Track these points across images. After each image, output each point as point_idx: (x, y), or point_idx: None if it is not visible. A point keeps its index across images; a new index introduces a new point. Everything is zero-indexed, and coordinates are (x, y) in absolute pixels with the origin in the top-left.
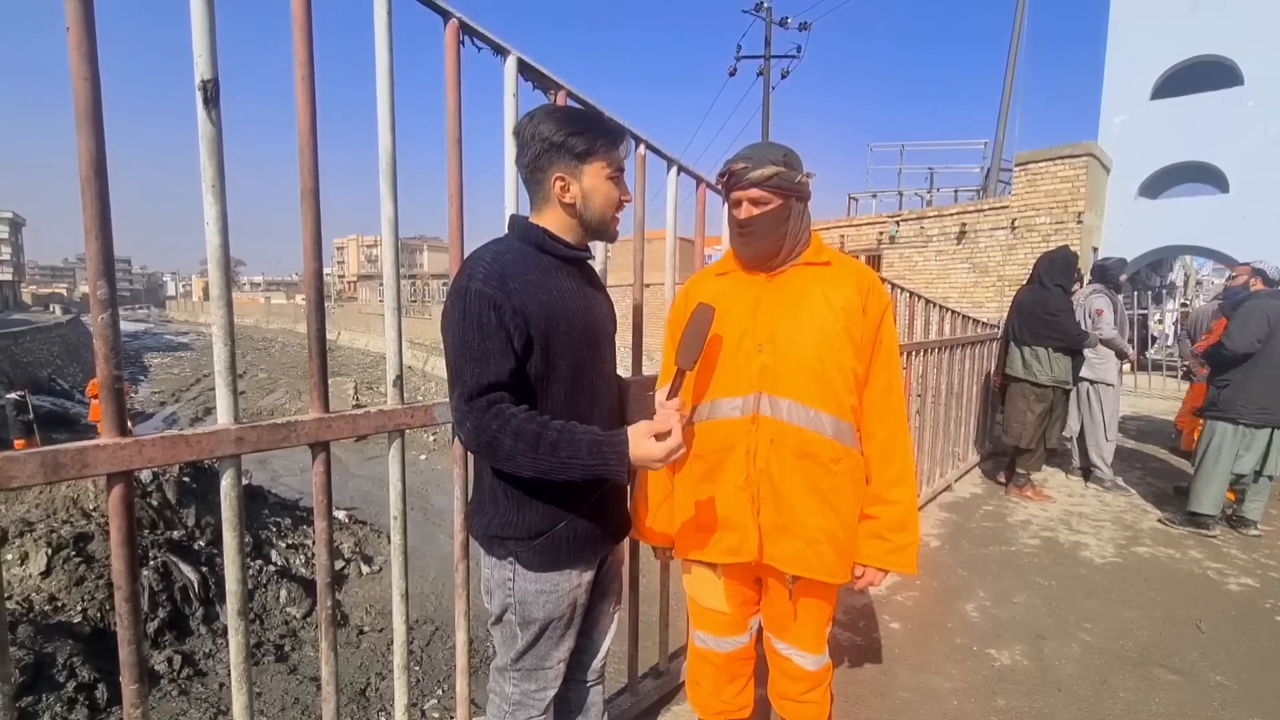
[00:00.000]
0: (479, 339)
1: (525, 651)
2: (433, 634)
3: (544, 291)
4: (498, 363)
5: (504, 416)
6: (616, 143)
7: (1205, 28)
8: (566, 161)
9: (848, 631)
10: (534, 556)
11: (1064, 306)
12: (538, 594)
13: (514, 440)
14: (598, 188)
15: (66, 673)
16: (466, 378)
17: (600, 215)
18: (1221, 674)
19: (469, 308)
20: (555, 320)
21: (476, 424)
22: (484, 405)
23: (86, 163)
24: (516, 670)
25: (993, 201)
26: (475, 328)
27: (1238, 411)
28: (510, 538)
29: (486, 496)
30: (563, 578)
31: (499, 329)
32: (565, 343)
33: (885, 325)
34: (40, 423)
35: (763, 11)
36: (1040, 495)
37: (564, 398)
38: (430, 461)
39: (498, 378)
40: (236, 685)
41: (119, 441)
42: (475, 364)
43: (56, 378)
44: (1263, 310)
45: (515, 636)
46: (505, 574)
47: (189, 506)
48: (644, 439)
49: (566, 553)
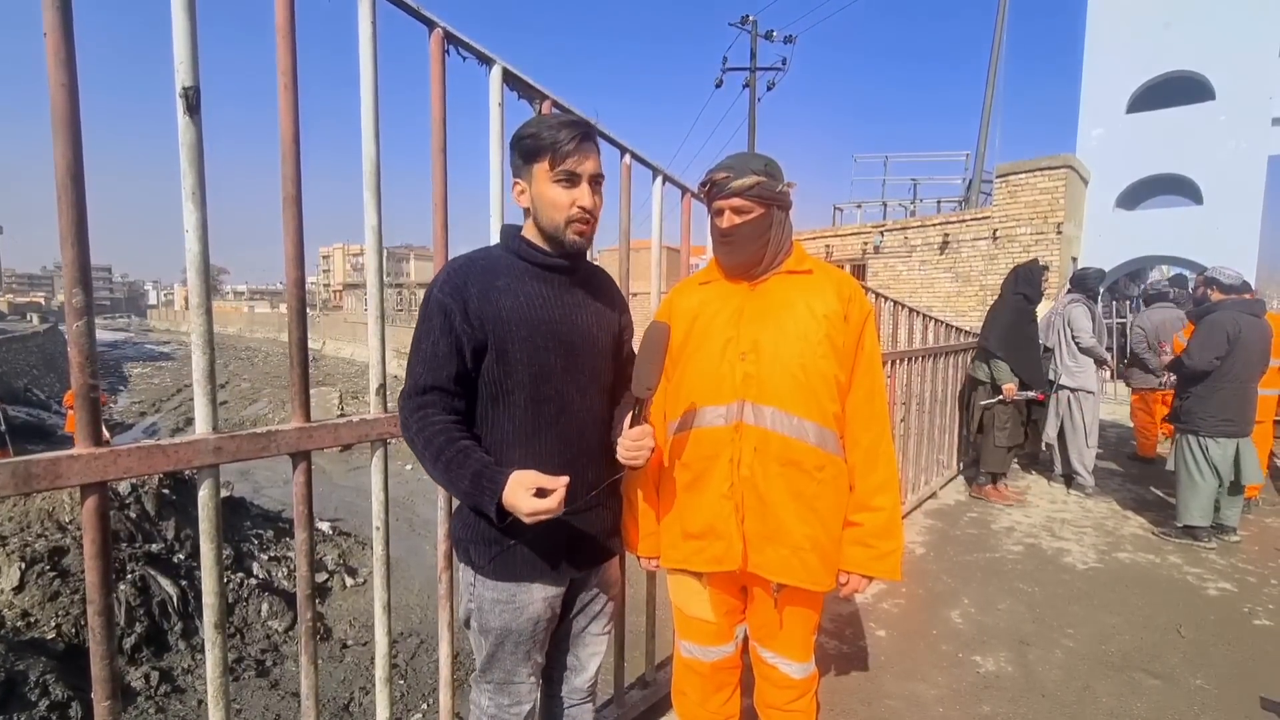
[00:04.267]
0: (429, 342)
1: (490, 662)
2: (418, 647)
3: (509, 297)
4: (441, 366)
5: (426, 420)
6: (561, 145)
7: (1178, 44)
8: (519, 165)
9: (834, 639)
10: (489, 565)
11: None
12: (494, 602)
13: (423, 446)
14: (542, 192)
15: (39, 691)
16: (415, 375)
17: (549, 220)
18: (1202, 678)
19: (426, 311)
20: (516, 327)
21: (404, 421)
22: (414, 405)
23: (63, 169)
24: (488, 683)
25: (975, 212)
26: (426, 330)
27: (1201, 424)
28: (471, 541)
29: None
30: (520, 589)
31: (447, 333)
32: (525, 349)
33: (867, 333)
34: (15, 433)
35: (748, 25)
36: (1001, 495)
37: (525, 404)
38: (416, 471)
39: (435, 381)
40: (213, 700)
41: (93, 451)
42: (420, 364)
43: (33, 388)
44: (1223, 326)
45: (480, 644)
46: (468, 578)
47: (168, 519)
48: (521, 489)
49: (523, 565)
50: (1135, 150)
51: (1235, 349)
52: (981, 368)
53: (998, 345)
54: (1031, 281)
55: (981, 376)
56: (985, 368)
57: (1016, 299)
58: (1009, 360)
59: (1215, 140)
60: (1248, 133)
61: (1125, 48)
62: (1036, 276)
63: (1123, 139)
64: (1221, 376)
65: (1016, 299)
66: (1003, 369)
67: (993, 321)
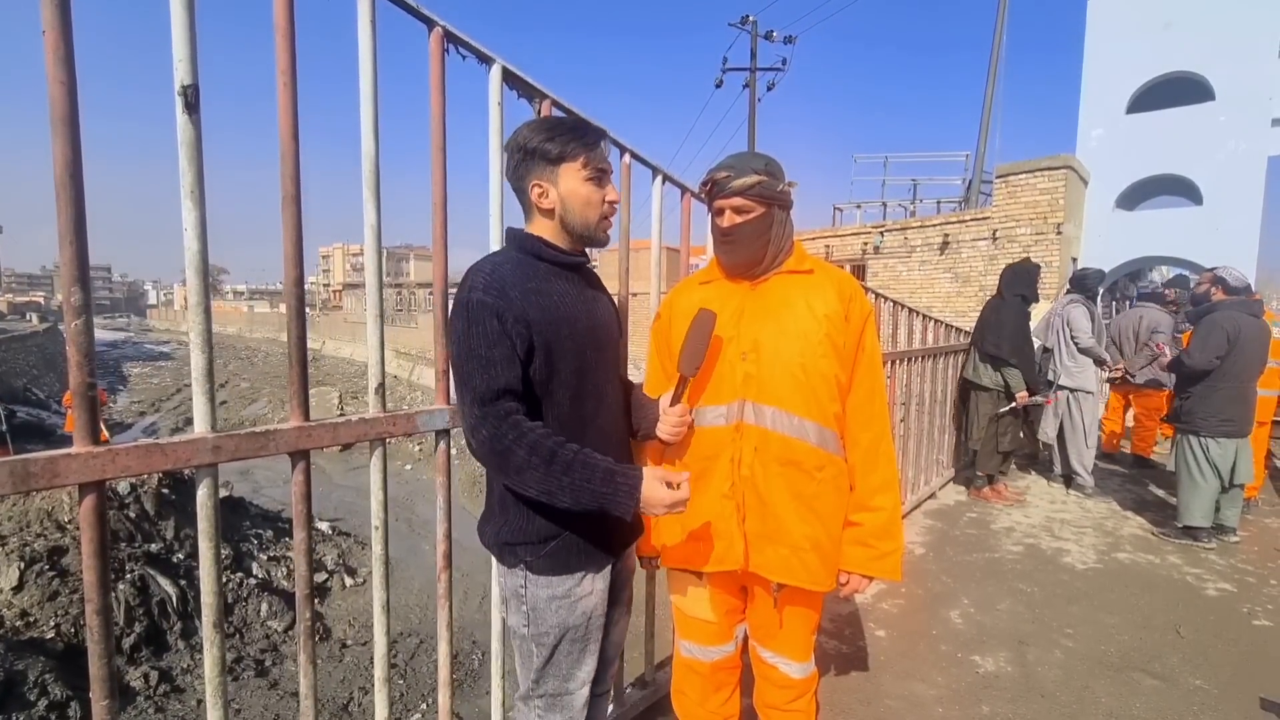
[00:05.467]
0: (485, 347)
1: (544, 670)
2: (417, 647)
3: (544, 298)
4: (506, 370)
5: (521, 429)
6: (591, 144)
7: (1178, 45)
8: (541, 167)
9: (833, 639)
10: (544, 561)
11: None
12: (550, 599)
13: (529, 453)
14: (575, 190)
15: (38, 690)
16: (477, 384)
17: (582, 218)
18: (1201, 678)
19: (473, 316)
20: (558, 326)
21: (493, 432)
22: (500, 414)
23: (61, 167)
24: (540, 697)
25: (974, 212)
26: (480, 336)
27: (1201, 424)
28: (521, 543)
29: (497, 504)
30: (574, 581)
31: (503, 337)
32: (568, 347)
33: (867, 333)
34: (14, 433)
35: (748, 25)
36: (1000, 496)
37: (569, 401)
38: (415, 471)
39: (508, 384)
40: (211, 700)
41: (91, 450)
42: (484, 370)
43: (32, 387)
44: (1222, 325)
45: (531, 653)
46: (517, 581)
47: (168, 519)
48: (656, 481)
49: (577, 554)
50: (1135, 150)
51: (1235, 349)
52: (988, 374)
53: (1010, 352)
54: (1027, 281)
55: (988, 383)
56: (994, 374)
57: (1015, 300)
58: (1021, 367)
59: (1215, 141)
60: (1247, 133)
61: (1125, 48)
62: (1032, 275)
63: (1122, 139)
64: (1221, 376)
65: (1015, 300)
66: (1016, 376)
67: (996, 326)
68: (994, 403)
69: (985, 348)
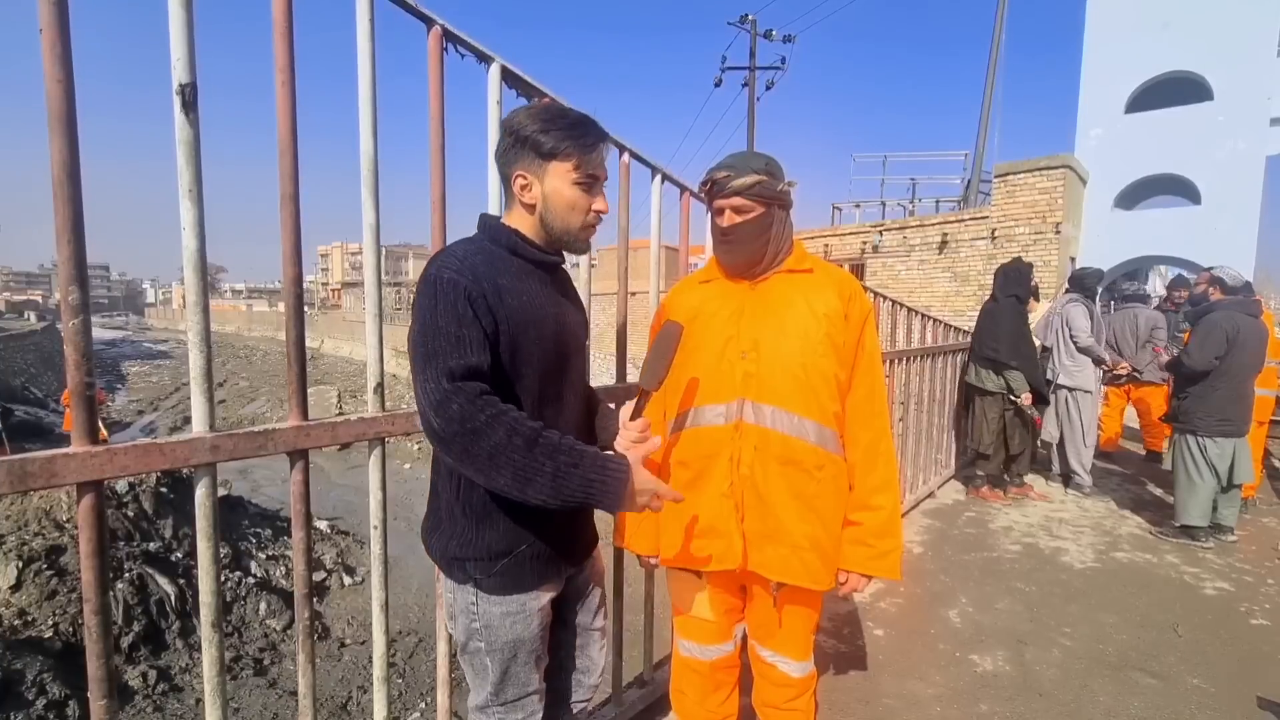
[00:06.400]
0: (456, 326)
1: (502, 682)
2: (416, 646)
3: (514, 297)
4: (479, 351)
5: (499, 407)
6: (588, 146)
7: (1176, 45)
8: (529, 159)
9: (832, 639)
10: (495, 580)
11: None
12: (504, 616)
13: (508, 434)
14: (560, 191)
15: (36, 690)
16: (447, 359)
17: (563, 222)
18: (1199, 677)
19: (441, 293)
20: (525, 327)
21: (464, 409)
22: (474, 391)
23: (59, 166)
24: (500, 705)
25: (973, 212)
26: (452, 315)
27: (1199, 424)
28: (470, 559)
29: (444, 513)
30: (529, 598)
31: (475, 321)
32: (534, 350)
33: (867, 332)
34: (12, 432)
35: (747, 24)
36: (998, 496)
37: (530, 406)
38: (415, 470)
39: (480, 365)
40: (210, 699)
41: (89, 450)
42: (456, 347)
43: (30, 386)
44: (1221, 326)
45: (486, 668)
46: (467, 598)
47: (166, 518)
48: (643, 470)
49: (531, 573)
50: (1133, 150)
51: (1233, 349)
52: (991, 378)
53: (1010, 355)
54: (1020, 281)
55: (991, 387)
56: (997, 378)
57: (1009, 301)
58: (1022, 368)
59: (1213, 140)
60: (1246, 133)
61: (1124, 48)
62: (1024, 275)
63: (1121, 139)
64: (1219, 376)
65: (1009, 301)
66: (1018, 379)
67: (995, 330)
68: (1000, 405)
69: (984, 352)
